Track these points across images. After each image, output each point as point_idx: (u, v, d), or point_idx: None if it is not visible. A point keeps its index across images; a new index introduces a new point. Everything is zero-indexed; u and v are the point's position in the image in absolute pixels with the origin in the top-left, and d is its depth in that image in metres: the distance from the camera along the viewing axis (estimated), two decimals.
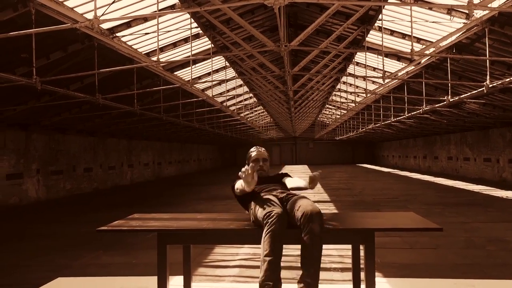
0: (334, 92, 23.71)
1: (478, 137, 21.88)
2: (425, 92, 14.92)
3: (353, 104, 22.58)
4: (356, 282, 3.80)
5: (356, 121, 29.70)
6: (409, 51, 10.51)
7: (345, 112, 26.67)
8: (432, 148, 28.91)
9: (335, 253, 6.41)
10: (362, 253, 3.62)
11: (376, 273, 3.67)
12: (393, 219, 3.69)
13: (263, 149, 4.53)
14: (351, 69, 17.19)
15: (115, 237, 7.88)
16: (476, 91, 11.58)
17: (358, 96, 21.50)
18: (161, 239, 3.24)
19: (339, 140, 44.70)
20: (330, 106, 29.45)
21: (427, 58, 12.80)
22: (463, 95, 12.83)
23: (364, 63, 16.26)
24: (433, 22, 11.34)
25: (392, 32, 12.88)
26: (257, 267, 5.86)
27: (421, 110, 15.52)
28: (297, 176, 4.44)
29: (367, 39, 13.27)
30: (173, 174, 30.84)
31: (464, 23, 10.38)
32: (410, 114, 17.98)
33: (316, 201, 13.09)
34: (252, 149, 4.50)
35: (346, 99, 23.72)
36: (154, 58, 11.94)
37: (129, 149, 23.87)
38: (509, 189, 16.09)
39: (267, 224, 3.24)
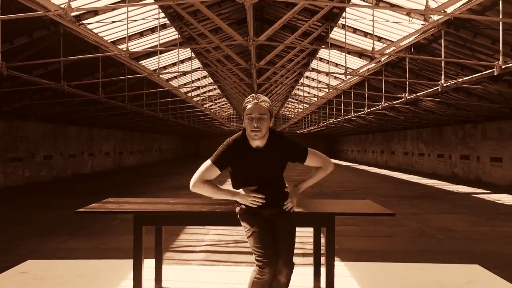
0: (297, 86, 24.15)
1: (432, 134, 22.82)
2: (384, 89, 15.49)
3: (316, 99, 23.08)
4: (316, 263, 4.13)
5: (318, 115, 30.29)
6: (371, 49, 10.96)
7: (307, 106, 27.15)
8: (389, 144, 29.87)
9: (296, 240, 6.71)
10: (322, 240, 3.94)
11: (335, 258, 3.98)
12: (351, 206, 4.02)
13: (263, 98, 3.26)
14: (314, 64, 17.59)
15: (80, 223, 7.95)
16: (432, 89, 12.16)
17: (320, 90, 22.00)
18: (137, 221, 3.43)
19: (300, 133, 45.36)
20: (292, 100, 29.95)
21: (387, 56, 13.30)
22: (419, 93, 13.42)
23: (327, 59, 16.72)
24: (393, 22, 11.83)
25: (354, 30, 13.32)
26: (223, 252, 6.14)
27: (380, 106, 16.10)
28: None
29: (330, 35, 13.67)
30: (135, 164, 30.60)
31: (422, 24, 10.92)
32: (369, 110, 18.58)
33: None
34: (248, 98, 3.29)
35: (308, 93, 24.21)
36: (121, 47, 11.92)
37: (90, 138, 23.56)
38: (460, 183, 16.97)
39: (258, 273, 3.09)
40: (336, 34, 14.07)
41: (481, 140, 17.89)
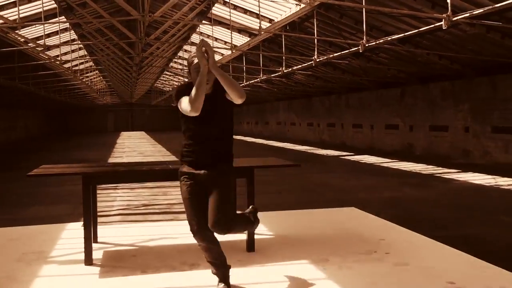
0: (175, 59, 24.41)
1: (302, 105, 24.87)
2: (262, 63, 16.65)
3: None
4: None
5: None
6: (250, 25, 11.82)
7: (186, 80, 27.47)
8: (263, 115, 31.68)
9: None
10: None
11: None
12: (264, 161, 4.88)
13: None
14: (195, 38, 18.11)
15: None
16: (307, 64, 13.52)
17: None
18: (86, 181, 3.85)
19: (175, 106, 45.41)
20: (167, 73, 30.05)
21: (264, 33, 14.35)
22: (295, 67, 14.78)
23: (207, 34, 17.39)
24: (271, 0, 12.85)
25: (235, 7, 14.12)
26: (134, 214, 6.65)
27: (259, 79, 17.27)
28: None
29: (212, 11, 14.32)
30: None
31: (296, 4, 12.10)
32: (247, 83, 19.72)
33: (171, 161, 13.94)
34: (193, 53, 3.29)
35: (185, 66, 24.62)
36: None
37: None
38: (328, 148, 19.04)
39: (196, 238, 3.35)
40: (217, 10, 14.76)
41: (344, 109, 20.12)
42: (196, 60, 3.21)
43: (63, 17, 14.31)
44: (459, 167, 11.54)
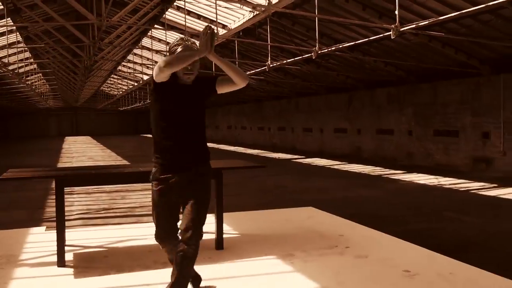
0: (123, 63, 24.09)
1: (253, 109, 25.23)
2: (214, 68, 16.80)
3: (143, 76, 23.41)
4: None
5: (143, 91, 30.48)
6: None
7: (135, 83, 27.23)
8: (214, 119, 31.80)
9: None
10: None
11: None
12: (231, 163, 5.09)
13: (192, 40, 3.19)
14: (147, 42, 18.04)
15: None
16: (260, 69, 13.84)
17: (148, 68, 22.45)
18: (59, 184, 3.91)
19: (123, 110, 44.67)
20: (114, 76, 29.58)
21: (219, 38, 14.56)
22: (248, 72, 15.04)
23: (158, 37, 17.38)
24: (225, 7, 13.07)
25: (189, 12, 14.24)
26: (95, 218, 6.66)
27: None
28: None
29: (166, 16, 14.36)
30: None
31: (250, 11, 12.38)
32: None
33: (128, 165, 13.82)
34: (177, 41, 3.19)
35: (134, 70, 24.40)
36: None
37: None
38: (279, 151, 19.47)
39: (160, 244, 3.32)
40: (171, 15, 14.82)
41: (295, 113, 20.62)
42: (179, 49, 3.06)
43: (9, 18, 13.92)
44: (404, 168, 12.22)
